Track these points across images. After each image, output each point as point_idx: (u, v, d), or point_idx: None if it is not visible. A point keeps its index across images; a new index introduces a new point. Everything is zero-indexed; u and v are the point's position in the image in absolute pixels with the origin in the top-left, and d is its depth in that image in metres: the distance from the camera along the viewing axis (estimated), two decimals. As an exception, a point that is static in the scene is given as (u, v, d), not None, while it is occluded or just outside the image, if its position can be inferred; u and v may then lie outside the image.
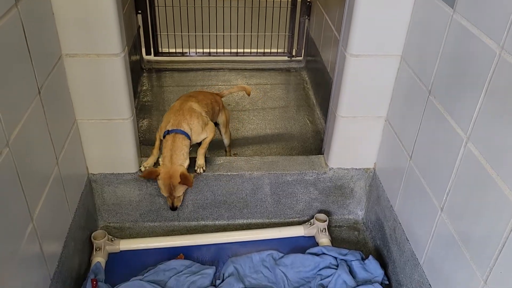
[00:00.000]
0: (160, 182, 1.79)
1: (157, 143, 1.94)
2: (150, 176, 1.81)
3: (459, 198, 1.28)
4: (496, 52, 1.10)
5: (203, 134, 1.90)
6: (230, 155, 2.32)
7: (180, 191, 1.81)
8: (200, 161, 1.93)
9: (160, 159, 1.82)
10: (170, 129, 1.81)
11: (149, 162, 1.93)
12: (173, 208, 1.85)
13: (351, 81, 1.73)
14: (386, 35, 1.62)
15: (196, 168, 1.92)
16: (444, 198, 1.35)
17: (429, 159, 1.47)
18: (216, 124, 2.15)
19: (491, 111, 1.12)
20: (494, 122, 1.11)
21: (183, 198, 1.91)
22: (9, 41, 1.17)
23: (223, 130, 2.23)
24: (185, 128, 1.82)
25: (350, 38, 1.63)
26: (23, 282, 1.24)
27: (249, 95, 2.45)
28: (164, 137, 1.83)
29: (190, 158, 1.83)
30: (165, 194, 1.82)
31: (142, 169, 1.91)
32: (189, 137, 1.82)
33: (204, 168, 1.93)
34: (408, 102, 1.63)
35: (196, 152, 1.93)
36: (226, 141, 2.28)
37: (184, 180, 1.75)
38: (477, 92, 1.17)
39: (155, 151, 1.94)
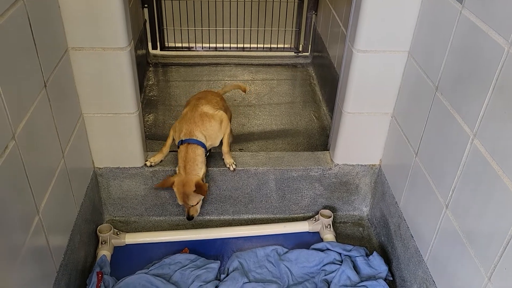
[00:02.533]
0: (175, 190, 1.80)
1: (169, 141, 1.94)
2: (165, 185, 1.82)
3: (465, 195, 1.27)
4: (504, 48, 1.08)
5: (220, 133, 1.89)
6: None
7: (194, 200, 1.81)
8: (228, 159, 1.95)
9: (176, 168, 1.83)
10: (183, 138, 1.81)
11: (156, 158, 1.94)
12: (189, 218, 1.86)
13: (358, 77, 1.72)
14: (393, 31, 1.61)
15: (227, 166, 1.94)
16: (450, 195, 1.35)
17: (435, 156, 1.46)
18: None
19: (499, 108, 1.11)
20: (501, 119, 1.10)
21: (199, 209, 1.90)
22: (15, 34, 1.17)
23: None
24: (198, 136, 1.82)
25: (357, 34, 1.63)
26: (29, 274, 1.25)
27: (245, 92, 2.44)
28: (178, 146, 1.83)
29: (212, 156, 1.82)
30: (180, 203, 1.83)
31: (148, 164, 1.92)
32: (203, 145, 1.81)
33: (234, 164, 1.95)
34: (414, 98, 1.62)
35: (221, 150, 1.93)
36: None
37: (198, 189, 1.76)
38: (484, 89, 1.16)
39: (165, 149, 1.95)
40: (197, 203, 1.84)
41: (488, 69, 1.15)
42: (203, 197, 1.84)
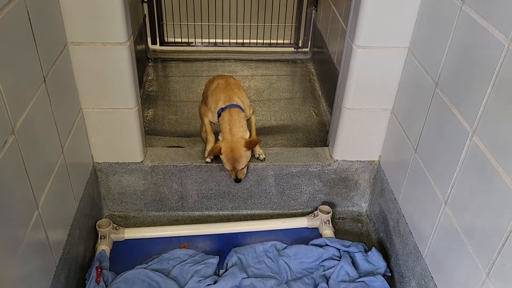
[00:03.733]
0: (222, 157, 1.79)
1: (209, 126, 1.94)
2: (214, 153, 1.80)
3: (464, 191, 1.27)
4: (504, 44, 1.08)
5: (250, 110, 1.92)
6: None
7: (243, 162, 1.80)
8: (259, 151, 1.95)
9: (219, 137, 1.82)
10: (223, 106, 1.82)
11: (208, 149, 1.92)
12: (237, 180, 1.86)
13: (357, 73, 1.72)
14: (393, 27, 1.61)
15: (257, 156, 1.95)
16: (449, 191, 1.35)
17: (434, 152, 1.46)
18: None
19: (498, 104, 1.11)
20: (500, 115, 1.10)
21: (247, 171, 1.90)
22: (15, 28, 1.17)
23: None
24: (238, 101, 1.85)
25: (357, 30, 1.62)
26: (29, 268, 1.25)
27: None
28: (219, 115, 1.83)
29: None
30: (228, 167, 1.82)
31: (208, 160, 1.91)
32: (243, 110, 1.82)
33: (264, 154, 1.95)
34: (414, 94, 1.62)
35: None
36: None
37: (250, 144, 1.76)
38: (484, 85, 1.17)
39: (210, 137, 1.93)
40: (245, 166, 1.84)
41: (488, 66, 1.15)
42: (249, 160, 1.83)
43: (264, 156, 1.96)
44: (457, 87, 1.32)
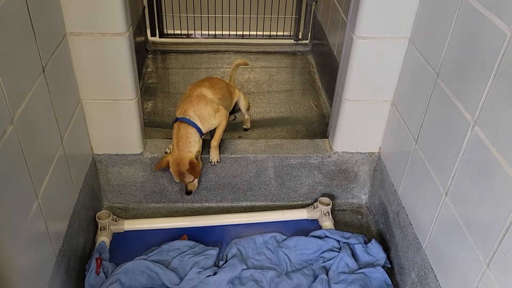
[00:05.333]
0: (170, 170, 1.80)
1: None
2: (162, 166, 1.81)
3: (464, 182, 1.27)
4: (507, 34, 1.08)
5: (214, 120, 1.87)
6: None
7: (190, 177, 1.81)
8: (214, 156, 1.93)
9: (167, 149, 1.84)
10: (178, 117, 1.82)
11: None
12: (188, 193, 1.87)
13: (358, 64, 1.71)
14: (394, 17, 1.59)
15: (209, 160, 1.94)
16: (449, 182, 1.35)
17: (434, 143, 1.46)
18: (234, 111, 2.18)
19: (500, 94, 1.11)
20: (502, 106, 1.10)
21: (197, 184, 1.90)
22: (13, 18, 1.16)
23: (246, 115, 2.33)
24: (192, 115, 1.81)
25: (358, 20, 1.61)
26: (29, 259, 1.25)
27: (247, 65, 2.43)
28: (172, 124, 1.83)
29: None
30: (177, 181, 1.83)
31: (168, 151, 1.92)
32: (194, 125, 1.81)
33: (218, 160, 1.94)
34: (415, 85, 1.62)
35: (211, 143, 1.92)
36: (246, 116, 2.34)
37: (192, 169, 1.76)
38: (486, 75, 1.16)
39: None
40: (194, 179, 1.84)
41: (490, 56, 1.14)
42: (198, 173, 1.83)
43: (216, 163, 1.93)
44: (458, 78, 1.31)
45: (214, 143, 1.90)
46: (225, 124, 1.91)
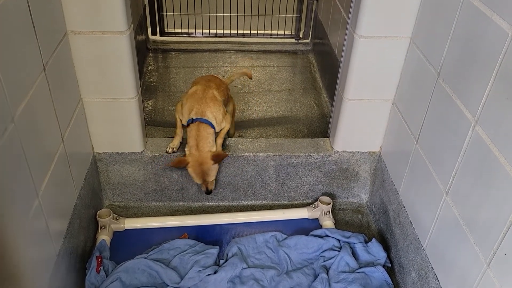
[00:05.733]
0: (190, 171, 1.79)
1: (179, 123, 1.93)
2: (180, 165, 1.80)
3: (465, 181, 1.27)
4: (508, 33, 1.07)
5: (223, 123, 1.89)
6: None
7: (213, 174, 1.81)
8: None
9: (186, 149, 1.82)
10: (194, 117, 1.81)
11: (175, 143, 1.93)
12: (209, 192, 1.87)
13: (359, 63, 1.71)
14: (396, 16, 1.59)
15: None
16: (450, 182, 1.35)
17: (435, 142, 1.46)
18: None
19: (501, 94, 1.10)
20: (503, 105, 1.09)
21: (216, 181, 1.90)
22: (14, 17, 1.16)
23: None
24: (209, 117, 1.81)
25: (359, 19, 1.61)
26: (30, 257, 1.25)
27: (251, 78, 2.43)
28: (187, 125, 1.82)
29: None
30: (198, 181, 1.83)
31: (169, 150, 1.91)
32: (213, 126, 1.81)
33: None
34: (416, 85, 1.62)
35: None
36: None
37: (217, 158, 1.76)
38: (487, 75, 1.16)
39: (179, 131, 1.94)
40: (214, 177, 1.85)
41: (491, 55, 1.14)
42: (217, 171, 1.83)
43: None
44: (459, 77, 1.31)
45: (220, 140, 1.90)
46: (229, 127, 1.93)
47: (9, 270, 1.13)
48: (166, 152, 1.92)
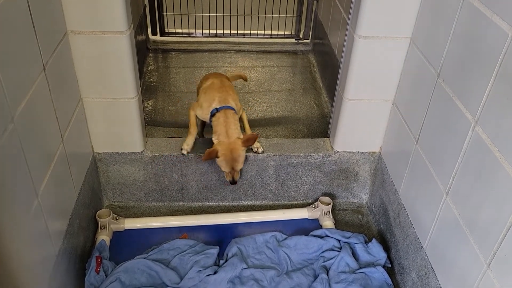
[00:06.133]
0: (221, 159, 1.77)
1: (193, 119, 1.92)
2: (211, 157, 1.78)
3: (465, 182, 1.27)
4: (508, 34, 1.07)
5: (241, 110, 1.92)
6: None
7: (242, 161, 1.80)
8: (257, 144, 1.95)
9: (213, 139, 1.80)
10: (218, 106, 1.81)
11: (189, 142, 1.91)
12: (234, 182, 1.84)
13: (359, 63, 1.71)
14: (396, 16, 1.59)
15: (255, 150, 1.94)
16: (450, 182, 1.35)
17: (435, 143, 1.45)
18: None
19: (501, 94, 1.10)
20: (503, 105, 1.09)
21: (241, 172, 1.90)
22: (14, 16, 1.16)
23: None
24: (232, 104, 1.84)
25: (359, 19, 1.61)
26: (29, 257, 1.25)
27: (246, 80, 2.44)
28: (212, 115, 1.82)
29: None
30: (226, 170, 1.80)
31: (184, 152, 1.90)
32: (236, 112, 1.83)
33: (262, 147, 1.95)
34: (416, 85, 1.61)
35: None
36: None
37: (248, 142, 1.76)
38: (487, 75, 1.16)
39: (192, 129, 1.92)
40: (242, 165, 1.83)
41: (491, 55, 1.14)
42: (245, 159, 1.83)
43: (262, 149, 1.95)
44: (459, 78, 1.31)
45: (249, 130, 1.94)
46: (245, 115, 1.97)
47: (8, 270, 1.13)
48: (181, 154, 1.90)
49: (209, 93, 1.87)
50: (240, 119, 1.94)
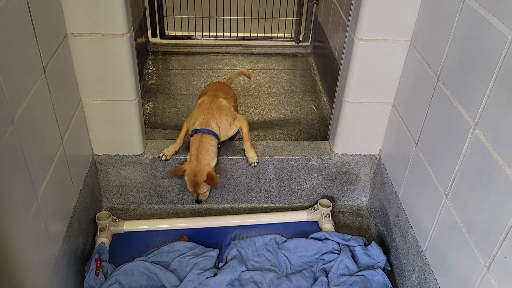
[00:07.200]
0: (186, 179, 1.80)
1: (183, 132, 1.94)
2: (177, 174, 1.81)
3: (465, 185, 1.27)
4: (508, 37, 1.08)
5: (231, 130, 1.90)
6: None
7: (204, 188, 1.81)
8: (251, 153, 1.94)
9: (188, 156, 1.82)
10: (198, 128, 1.81)
11: (170, 149, 1.93)
12: (198, 202, 1.87)
13: (358, 66, 1.71)
14: (395, 19, 1.59)
15: (250, 162, 1.94)
16: (450, 185, 1.35)
17: (435, 146, 1.46)
18: None
19: (501, 97, 1.10)
20: (503, 109, 1.09)
21: (208, 194, 1.90)
22: (14, 19, 1.16)
23: None
24: (214, 127, 1.82)
25: (359, 22, 1.61)
26: (28, 259, 1.25)
27: (249, 78, 2.43)
28: (192, 135, 1.83)
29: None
30: (190, 189, 1.83)
31: (162, 157, 1.92)
32: (217, 137, 1.82)
33: (257, 160, 1.94)
34: (416, 88, 1.62)
35: (243, 147, 1.94)
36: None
37: (210, 180, 1.76)
38: (486, 78, 1.16)
39: (179, 140, 1.95)
40: (207, 190, 1.85)
41: (491, 58, 1.14)
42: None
43: (257, 162, 1.94)
44: (459, 80, 1.31)
45: (247, 143, 1.92)
46: (247, 125, 1.93)
47: (8, 272, 1.12)
48: (159, 157, 1.92)
49: (196, 113, 1.88)
50: (241, 130, 1.93)
